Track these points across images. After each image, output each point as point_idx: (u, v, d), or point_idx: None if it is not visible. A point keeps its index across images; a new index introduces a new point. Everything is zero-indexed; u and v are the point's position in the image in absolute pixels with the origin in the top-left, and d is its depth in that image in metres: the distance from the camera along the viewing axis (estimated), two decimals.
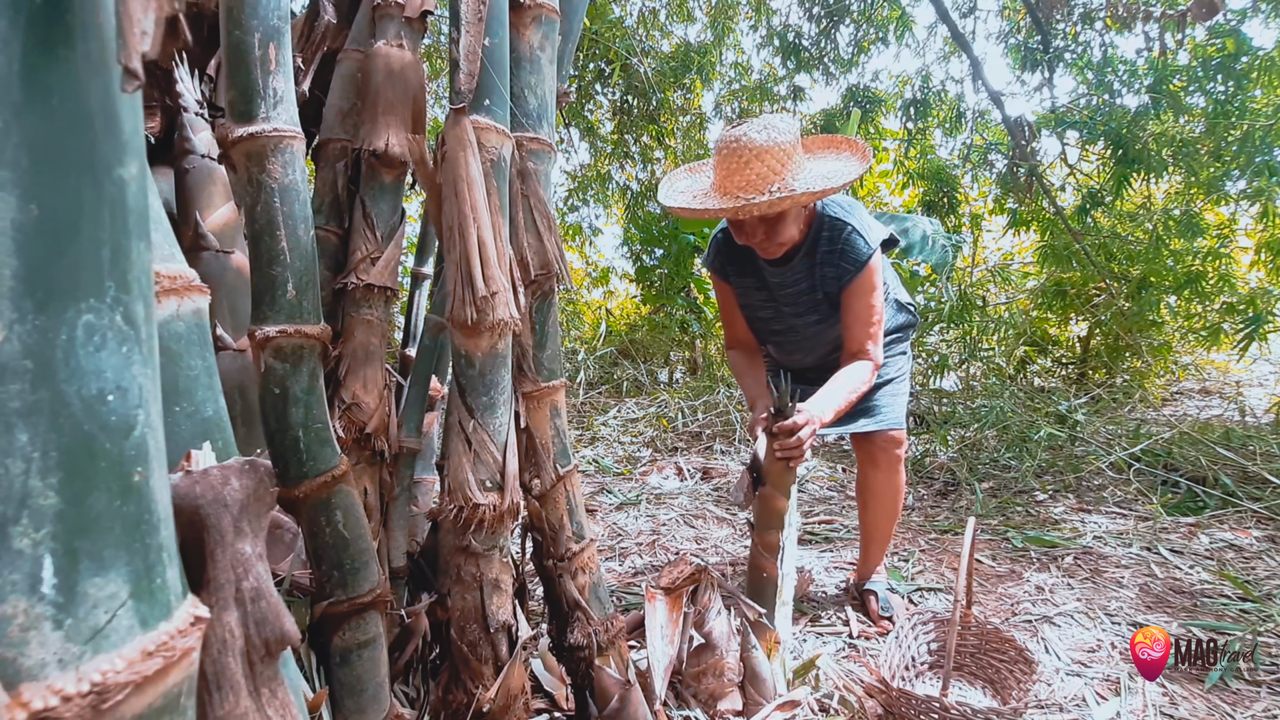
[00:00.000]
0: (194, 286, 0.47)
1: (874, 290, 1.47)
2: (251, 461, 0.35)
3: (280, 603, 0.32)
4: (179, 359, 0.45)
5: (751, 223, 1.40)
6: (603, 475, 3.27)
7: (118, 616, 0.29)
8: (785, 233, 1.41)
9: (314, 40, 1.22)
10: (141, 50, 0.29)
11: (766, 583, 1.46)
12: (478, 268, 0.82)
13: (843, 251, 1.45)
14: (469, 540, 0.89)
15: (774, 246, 1.44)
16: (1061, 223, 4.19)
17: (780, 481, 1.43)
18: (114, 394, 0.31)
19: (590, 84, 5.63)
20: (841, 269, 1.46)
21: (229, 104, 0.80)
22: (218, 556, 0.33)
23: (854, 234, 1.45)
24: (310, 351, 0.88)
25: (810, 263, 1.51)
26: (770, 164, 1.32)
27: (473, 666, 0.90)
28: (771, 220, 1.39)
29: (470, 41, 0.82)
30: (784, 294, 1.59)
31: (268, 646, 0.31)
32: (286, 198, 0.83)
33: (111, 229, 0.32)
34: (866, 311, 1.47)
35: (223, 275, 1.12)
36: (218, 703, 0.29)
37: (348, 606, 0.93)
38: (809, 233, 1.49)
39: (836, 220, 1.47)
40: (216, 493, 0.36)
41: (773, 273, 1.56)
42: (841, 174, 1.36)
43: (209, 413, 0.46)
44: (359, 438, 1.16)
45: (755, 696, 1.40)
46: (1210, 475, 2.54)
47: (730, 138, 1.35)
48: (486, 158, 0.88)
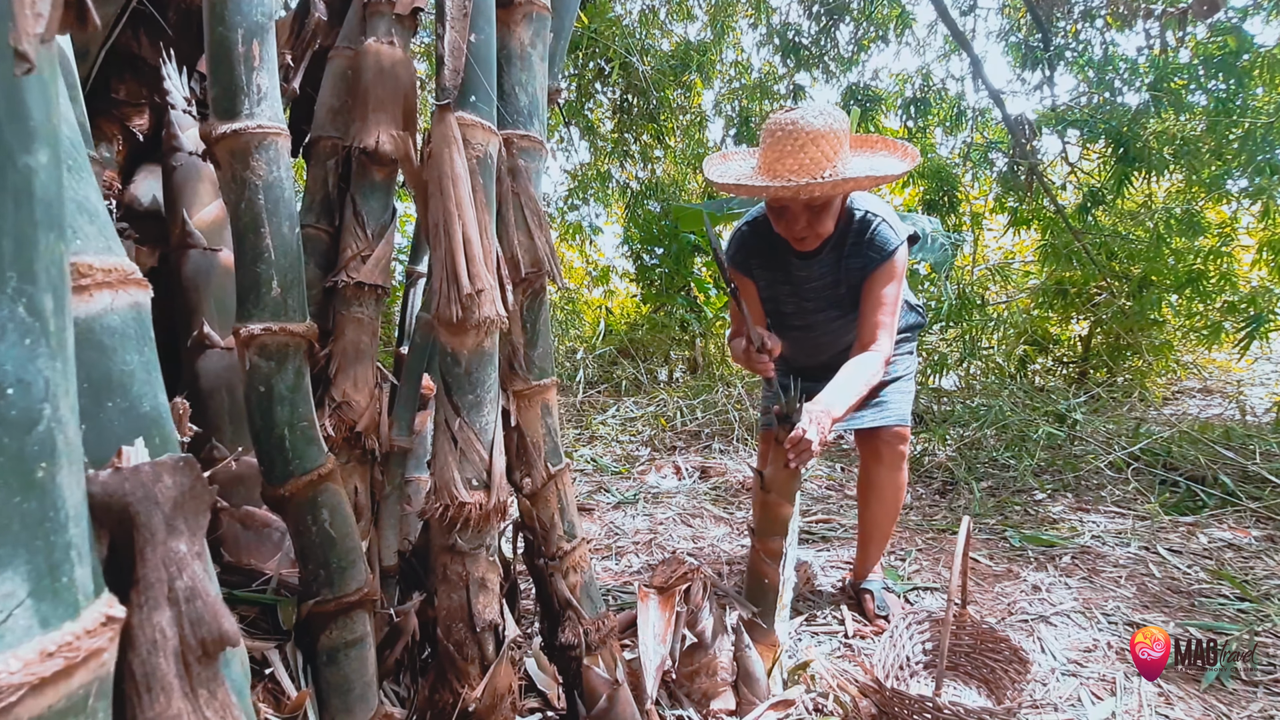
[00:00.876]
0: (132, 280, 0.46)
1: (895, 280, 1.47)
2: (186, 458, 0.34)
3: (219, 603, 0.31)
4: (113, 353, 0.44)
5: (797, 209, 1.40)
6: (601, 474, 3.26)
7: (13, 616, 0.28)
8: (826, 223, 1.43)
9: (304, 38, 1.22)
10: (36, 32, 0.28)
11: (768, 589, 1.45)
12: (462, 265, 0.82)
13: (870, 241, 1.47)
14: (455, 539, 0.89)
15: (813, 236, 1.45)
16: (1062, 221, 4.18)
17: (786, 489, 1.42)
18: (14, 387, 0.31)
19: (590, 82, 5.62)
20: (868, 258, 1.48)
21: (212, 100, 0.80)
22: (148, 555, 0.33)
23: (884, 224, 1.47)
24: (295, 349, 0.87)
25: (838, 255, 1.52)
26: (825, 149, 1.33)
27: (459, 666, 0.89)
28: (818, 209, 1.40)
29: (455, 37, 0.81)
30: (808, 288, 1.60)
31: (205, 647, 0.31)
32: (271, 195, 0.83)
33: (15, 219, 0.31)
34: (883, 299, 1.47)
35: (210, 273, 1.12)
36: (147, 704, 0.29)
37: (335, 605, 0.93)
38: (839, 225, 1.50)
39: (867, 213, 1.49)
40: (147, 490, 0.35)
41: (799, 265, 1.57)
42: (889, 167, 1.38)
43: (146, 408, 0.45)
44: (349, 436, 1.16)
45: (748, 696, 1.40)
46: (1210, 474, 2.53)
47: (786, 120, 1.35)
48: (472, 154, 0.87)
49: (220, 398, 1.09)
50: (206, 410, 1.09)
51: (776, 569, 1.43)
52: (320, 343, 1.19)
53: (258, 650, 0.89)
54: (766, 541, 1.44)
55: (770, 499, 1.43)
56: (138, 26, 1.12)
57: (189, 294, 1.10)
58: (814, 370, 1.73)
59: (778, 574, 1.43)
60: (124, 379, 0.44)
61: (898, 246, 1.46)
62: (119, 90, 1.12)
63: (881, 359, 1.46)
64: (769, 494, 1.43)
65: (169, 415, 0.38)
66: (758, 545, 1.46)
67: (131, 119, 1.12)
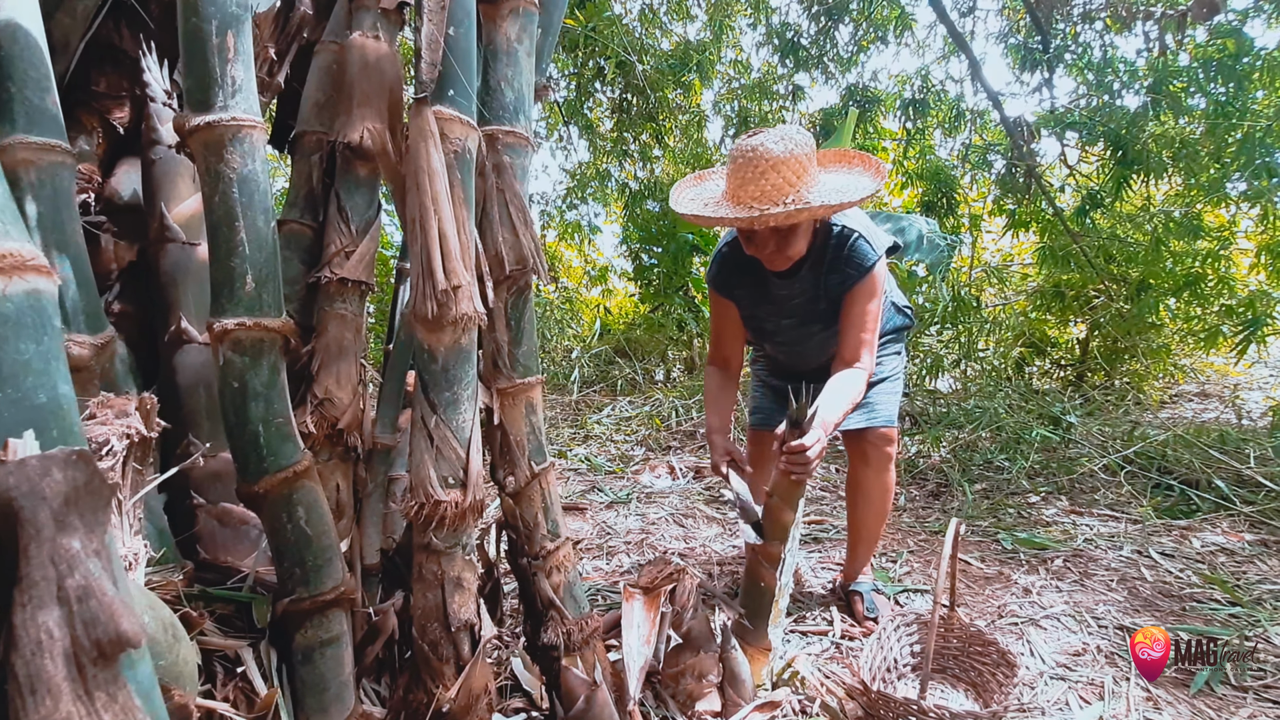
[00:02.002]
0: (30, 266, 0.44)
1: (875, 297, 1.47)
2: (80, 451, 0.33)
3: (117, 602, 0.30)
4: (4, 341, 0.42)
5: (764, 234, 1.40)
6: (595, 474, 3.25)
7: None
8: (796, 245, 1.42)
9: (289, 31, 1.21)
10: None
11: (764, 593, 1.43)
12: (438, 260, 0.81)
13: (848, 258, 1.46)
14: (430, 538, 0.88)
15: (783, 259, 1.45)
16: (1060, 224, 4.16)
17: (789, 495, 1.39)
18: None
19: (589, 81, 5.61)
20: (846, 274, 1.47)
21: (186, 92, 0.79)
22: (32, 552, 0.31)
23: (861, 240, 1.46)
24: (271, 345, 0.86)
25: (816, 273, 1.52)
26: (786, 175, 1.31)
27: (433, 666, 0.88)
28: (784, 232, 1.39)
29: (432, 30, 0.80)
30: (789, 305, 1.60)
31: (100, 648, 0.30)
32: (246, 188, 0.82)
33: None
34: (864, 317, 1.47)
35: (188, 267, 1.11)
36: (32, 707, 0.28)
37: (310, 604, 0.92)
38: (815, 242, 1.49)
39: (844, 228, 1.48)
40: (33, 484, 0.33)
41: (779, 284, 1.57)
42: (855, 189, 1.35)
43: (41, 399, 0.43)
44: (331, 434, 1.15)
45: (734, 698, 1.39)
46: (1204, 478, 2.52)
47: (747, 147, 1.34)
48: (450, 149, 0.86)
49: (198, 393, 1.09)
50: (184, 406, 1.09)
51: (774, 574, 1.42)
52: (304, 339, 1.19)
53: (231, 649, 0.88)
54: (768, 547, 1.41)
55: (772, 504, 1.41)
56: (119, 18, 1.11)
57: (167, 288, 1.09)
58: (804, 374, 1.73)
59: (775, 578, 1.42)
60: (17, 369, 0.42)
61: (876, 260, 1.45)
62: (99, 83, 1.11)
63: (865, 376, 1.46)
64: (771, 499, 1.41)
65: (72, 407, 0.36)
66: (757, 548, 1.44)
67: (112, 112, 1.11)
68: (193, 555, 1.04)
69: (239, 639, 0.90)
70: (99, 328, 0.90)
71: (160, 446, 1.09)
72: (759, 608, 1.43)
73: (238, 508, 1.08)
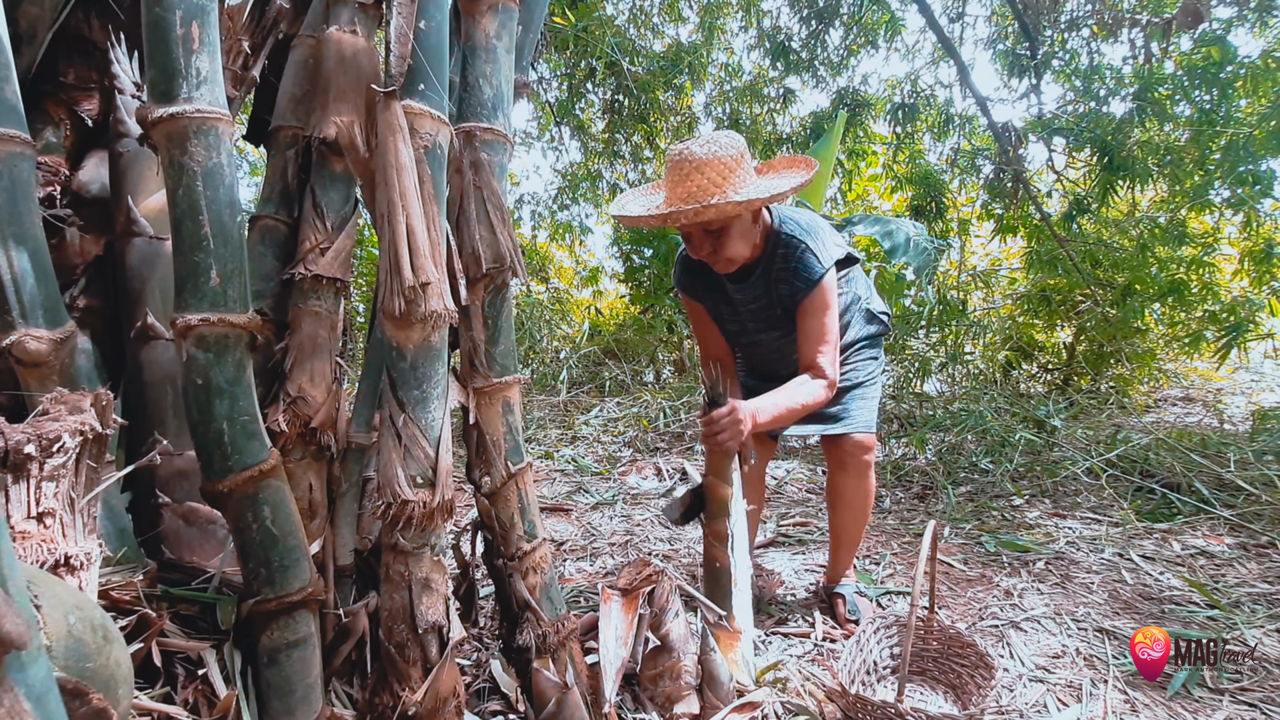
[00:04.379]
0: None
1: (827, 310, 1.47)
2: None
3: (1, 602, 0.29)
4: None
5: (699, 236, 1.42)
6: (581, 475, 3.24)
7: None
8: (732, 247, 1.43)
9: (265, 24, 1.19)
10: None
11: (720, 572, 1.44)
12: (406, 257, 0.80)
13: (795, 270, 1.47)
14: (397, 538, 0.87)
15: (723, 261, 1.46)
16: (1047, 229, 4.19)
17: (719, 469, 1.42)
18: None
19: (581, 82, 5.60)
20: (795, 286, 1.48)
21: (149, 84, 0.77)
22: None
23: (807, 253, 1.46)
24: (236, 341, 0.85)
25: (767, 280, 1.53)
26: (711, 176, 1.35)
27: (399, 668, 0.87)
28: (716, 234, 1.41)
29: (401, 24, 0.79)
30: (746, 310, 1.61)
31: None
32: (211, 181, 0.80)
33: None
34: (818, 330, 1.48)
35: (156, 262, 1.09)
36: None
37: (276, 605, 0.90)
38: (765, 249, 1.50)
39: (792, 238, 1.48)
40: None
41: (734, 289, 1.58)
42: (775, 186, 1.37)
43: None
44: (304, 432, 1.13)
45: (713, 700, 1.38)
46: (1185, 482, 2.54)
47: (674, 152, 1.39)
48: (419, 144, 0.85)
49: (165, 390, 1.07)
50: (150, 403, 1.07)
51: (725, 550, 1.43)
52: (278, 336, 1.17)
53: (193, 650, 0.86)
54: (713, 524, 1.45)
55: (709, 481, 1.44)
56: (88, 9, 1.09)
57: (134, 283, 1.07)
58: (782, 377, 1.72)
59: (727, 555, 1.43)
60: None
61: (823, 274, 1.45)
62: (67, 74, 1.09)
63: (824, 386, 1.46)
64: (707, 476, 1.44)
65: None
66: (706, 530, 1.47)
67: (80, 103, 1.09)
68: (158, 555, 1.02)
69: (202, 640, 0.88)
70: (58, 321, 0.88)
71: (126, 444, 1.07)
72: (719, 588, 1.44)
73: (204, 507, 1.06)
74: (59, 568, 0.62)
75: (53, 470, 0.62)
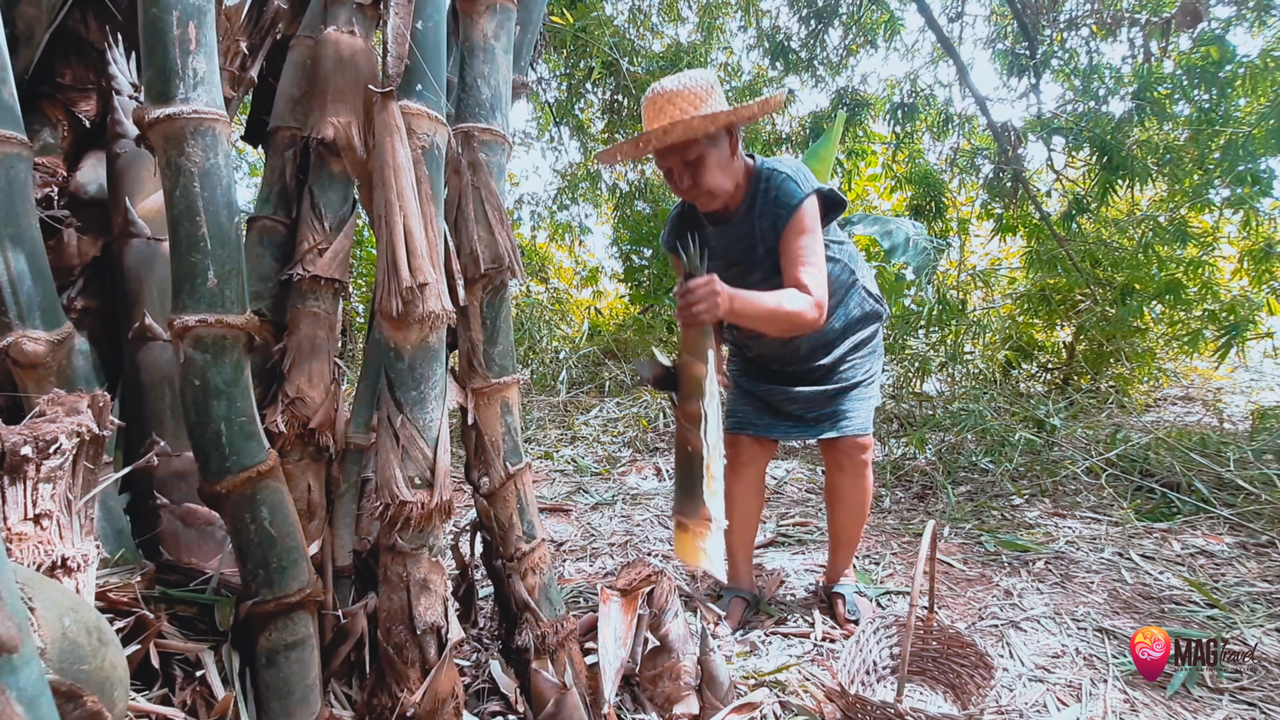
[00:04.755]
0: None
1: (808, 232, 1.47)
2: None
3: None
4: None
5: (678, 169, 1.45)
6: (581, 475, 3.24)
7: None
8: (710, 177, 1.45)
9: (263, 25, 1.19)
10: None
11: (692, 456, 1.36)
12: (403, 257, 0.79)
13: (776, 198, 1.48)
14: (395, 539, 0.87)
15: (704, 195, 1.48)
16: (1047, 228, 4.19)
17: (694, 346, 1.36)
18: None
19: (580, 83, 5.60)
20: (776, 215, 1.49)
21: (146, 84, 0.77)
22: None
23: (788, 180, 1.48)
24: (234, 342, 0.85)
25: (750, 219, 1.54)
26: (681, 106, 1.39)
27: (398, 669, 0.87)
28: (693, 163, 1.44)
29: (398, 23, 0.79)
30: (730, 254, 1.60)
31: None
32: (208, 182, 0.80)
33: None
34: (800, 251, 1.46)
35: (153, 263, 1.09)
36: None
37: (274, 606, 0.90)
38: (749, 188, 1.53)
39: (774, 171, 1.51)
40: None
41: (716, 234, 1.59)
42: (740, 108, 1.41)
43: None
44: (303, 433, 1.13)
45: (712, 700, 1.38)
46: (1185, 481, 2.53)
47: (650, 90, 1.45)
48: (417, 144, 0.85)
49: (163, 391, 1.06)
50: (147, 404, 1.06)
51: (698, 434, 1.35)
52: (276, 337, 1.17)
53: (191, 651, 0.86)
54: (685, 406, 1.37)
55: (683, 359, 1.38)
56: (86, 9, 1.09)
57: (131, 284, 1.07)
58: (780, 375, 1.72)
59: (699, 439, 1.35)
60: None
61: (804, 197, 1.46)
62: (65, 75, 1.09)
63: (810, 301, 1.42)
64: (682, 355, 1.39)
65: None
66: (678, 413, 1.40)
67: (78, 104, 1.09)
68: (156, 556, 1.02)
69: (200, 641, 0.88)
70: (55, 323, 0.88)
71: (124, 446, 1.07)
72: (690, 475, 1.36)
73: (202, 508, 1.06)
74: (56, 569, 0.62)
75: (50, 472, 0.62)
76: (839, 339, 1.67)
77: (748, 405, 1.75)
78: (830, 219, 1.61)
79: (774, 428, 1.72)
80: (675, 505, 1.38)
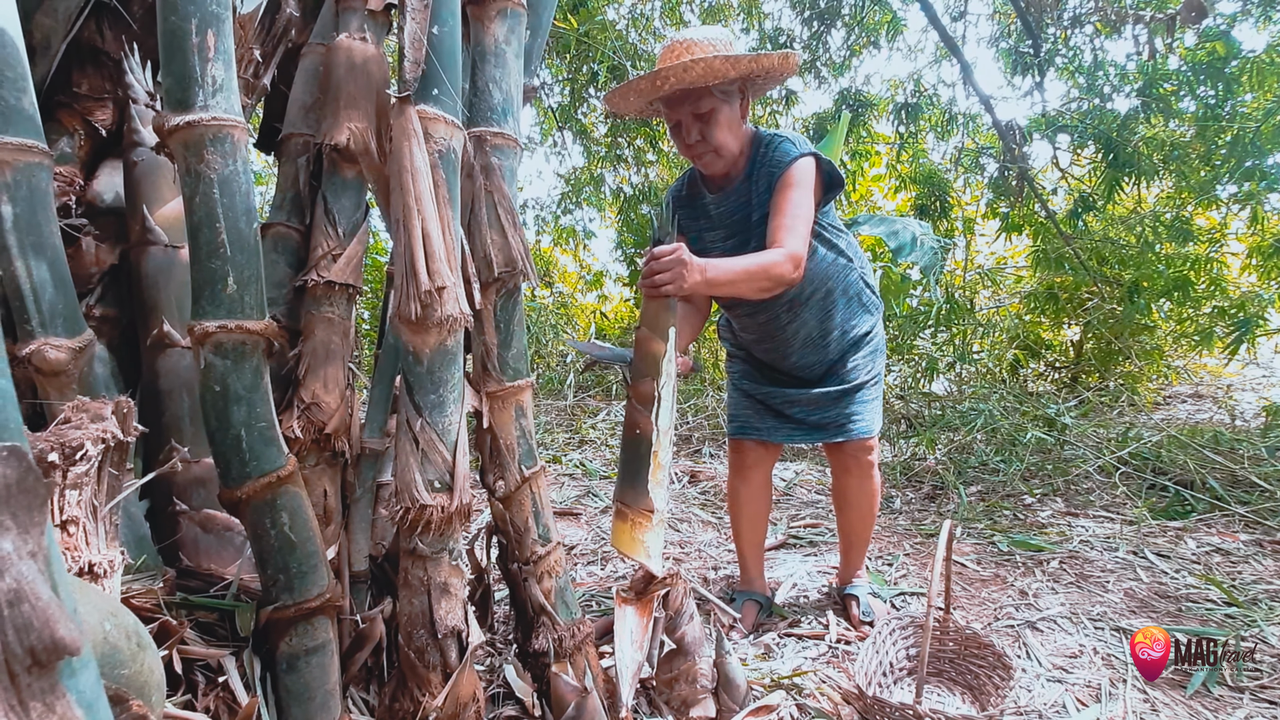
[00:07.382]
0: None
1: (797, 186, 1.46)
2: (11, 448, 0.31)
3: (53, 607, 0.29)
4: None
5: (688, 122, 1.46)
6: (589, 479, 3.24)
7: None
8: (719, 134, 1.45)
9: (275, 33, 1.20)
10: None
11: (640, 440, 1.25)
12: (421, 261, 0.80)
13: (772, 158, 1.49)
14: (416, 543, 0.87)
15: (710, 153, 1.48)
16: (1053, 227, 4.18)
17: (655, 321, 1.27)
18: None
19: (583, 87, 5.61)
20: (771, 175, 1.49)
21: (165, 92, 0.78)
22: None
23: (785, 142, 1.50)
24: (253, 348, 0.85)
25: (748, 185, 1.54)
26: (705, 48, 1.40)
27: (419, 673, 0.87)
28: (704, 116, 1.44)
29: (415, 28, 0.80)
30: (729, 223, 1.60)
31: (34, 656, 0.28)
32: (227, 189, 0.81)
33: None
34: (784, 204, 1.44)
35: (171, 270, 1.09)
36: None
37: (295, 611, 0.90)
38: (750, 154, 1.53)
39: (774, 135, 1.52)
40: None
41: (715, 201, 1.59)
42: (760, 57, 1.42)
43: None
44: (318, 438, 1.13)
45: (728, 703, 1.37)
46: (1198, 479, 2.52)
47: (669, 39, 1.45)
48: (434, 148, 0.86)
49: (181, 398, 1.07)
50: (167, 411, 1.07)
51: (649, 416, 1.24)
52: (291, 343, 1.17)
53: (213, 657, 0.86)
54: (637, 385, 1.26)
55: (640, 334, 1.29)
56: (101, 19, 1.10)
57: (149, 292, 1.08)
58: (780, 374, 1.71)
59: (649, 421, 1.24)
60: None
61: (799, 155, 1.47)
62: (81, 84, 1.10)
63: (784, 253, 1.37)
64: (640, 329, 1.29)
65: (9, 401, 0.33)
66: (630, 391, 1.29)
67: (94, 113, 1.10)
68: (175, 563, 1.02)
69: (221, 647, 0.88)
70: (76, 330, 0.88)
71: (143, 452, 1.07)
72: (637, 460, 1.25)
73: (221, 514, 1.06)
74: (83, 575, 0.62)
75: (76, 478, 0.62)
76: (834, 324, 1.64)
77: (750, 409, 1.74)
78: (829, 198, 1.61)
79: (777, 431, 1.70)
80: (617, 491, 1.28)
